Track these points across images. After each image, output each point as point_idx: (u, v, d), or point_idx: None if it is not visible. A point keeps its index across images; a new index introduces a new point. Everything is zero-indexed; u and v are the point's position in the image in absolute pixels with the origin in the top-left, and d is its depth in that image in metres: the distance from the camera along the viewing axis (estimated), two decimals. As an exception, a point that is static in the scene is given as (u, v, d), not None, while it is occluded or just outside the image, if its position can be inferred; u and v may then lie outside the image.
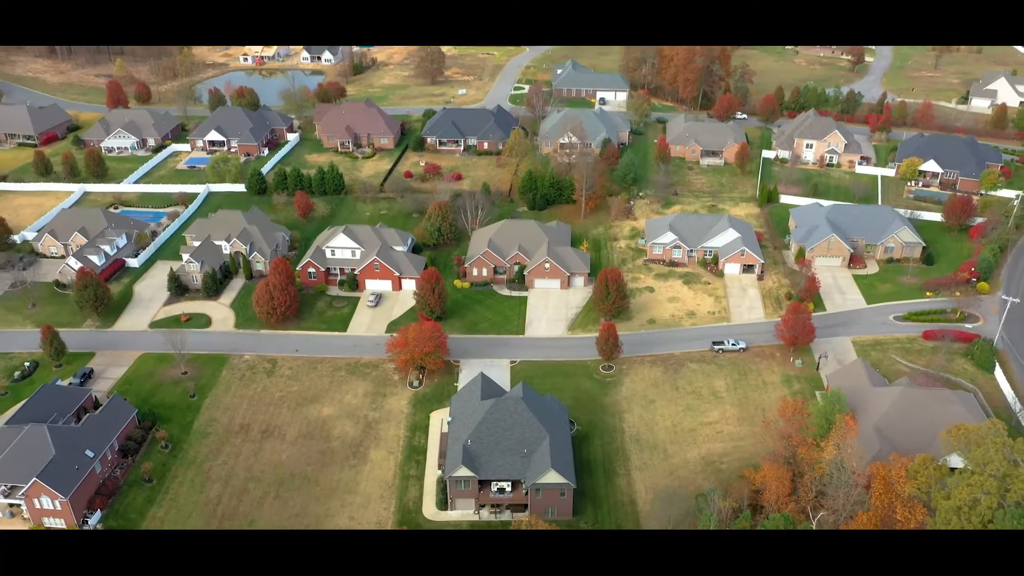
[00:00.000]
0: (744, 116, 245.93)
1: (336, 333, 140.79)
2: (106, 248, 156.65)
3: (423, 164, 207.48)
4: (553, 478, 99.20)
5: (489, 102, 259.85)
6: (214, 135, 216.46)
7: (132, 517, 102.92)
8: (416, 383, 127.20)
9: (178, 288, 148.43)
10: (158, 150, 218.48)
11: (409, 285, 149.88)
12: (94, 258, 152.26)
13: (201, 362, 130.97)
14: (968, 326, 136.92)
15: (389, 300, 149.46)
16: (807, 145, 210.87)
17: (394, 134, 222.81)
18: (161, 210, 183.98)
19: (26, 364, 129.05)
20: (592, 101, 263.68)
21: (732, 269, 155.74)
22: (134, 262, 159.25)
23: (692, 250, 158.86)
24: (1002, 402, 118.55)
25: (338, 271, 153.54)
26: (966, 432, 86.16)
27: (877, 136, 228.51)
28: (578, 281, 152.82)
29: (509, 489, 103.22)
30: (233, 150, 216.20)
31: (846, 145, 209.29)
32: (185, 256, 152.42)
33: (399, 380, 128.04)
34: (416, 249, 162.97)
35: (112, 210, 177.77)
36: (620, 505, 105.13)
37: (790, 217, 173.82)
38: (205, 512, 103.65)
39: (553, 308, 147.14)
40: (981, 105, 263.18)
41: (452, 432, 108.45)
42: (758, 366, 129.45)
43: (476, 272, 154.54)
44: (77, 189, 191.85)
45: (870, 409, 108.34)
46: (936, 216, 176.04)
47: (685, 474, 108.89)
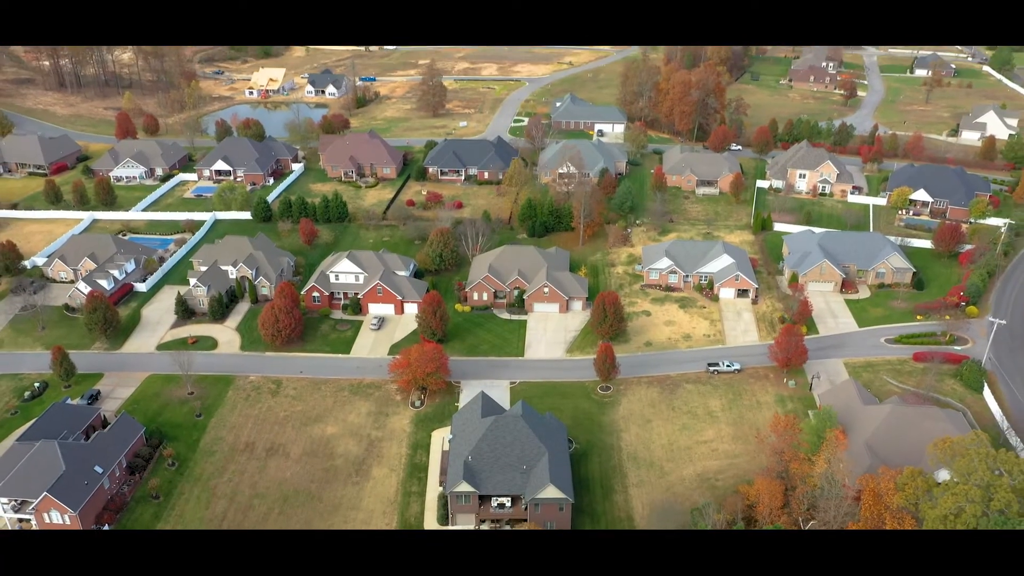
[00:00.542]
0: (739, 147, 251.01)
1: (340, 355, 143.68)
2: (115, 273, 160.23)
3: (425, 193, 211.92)
4: (552, 493, 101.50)
5: (489, 134, 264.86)
6: (221, 164, 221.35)
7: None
8: (418, 403, 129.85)
9: (185, 311, 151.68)
10: (166, 179, 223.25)
11: (411, 309, 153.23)
12: (103, 282, 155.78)
13: (207, 383, 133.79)
14: (957, 348, 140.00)
15: (391, 323, 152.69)
16: (800, 175, 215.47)
17: (397, 164, 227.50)
18: (168, 237, 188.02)
19: (36, 384, 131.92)
20: (590, 133, 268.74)
21: (727, 294, 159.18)
22: (142, 287, 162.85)
23: (688, 275, 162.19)
24: (990, 420, 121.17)
25: (342, 295, 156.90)
26: (951, 444, 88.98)
27: (869, 167, 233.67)
28: (576, 305, 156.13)
29: (509, 504, 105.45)
30: (239, 179, 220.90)
31: (838, 175, 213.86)
32: (192, 280, 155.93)
33: (401, 400, 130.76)
34: (418, 274, 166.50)
35: (121, 236, 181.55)
36: (617, 520, 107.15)
37: (783, 244, 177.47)
38: (210, 528, 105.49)
39: (552, 331, 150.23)
40: (971, 137, 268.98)
41: (453, 448, 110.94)
42: (752, 387, 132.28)
43: (477, 296, 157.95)
44: (87, 216, 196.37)
45: (861, 426, 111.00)
46: (926, 243, 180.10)
47: (681, 490, 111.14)
